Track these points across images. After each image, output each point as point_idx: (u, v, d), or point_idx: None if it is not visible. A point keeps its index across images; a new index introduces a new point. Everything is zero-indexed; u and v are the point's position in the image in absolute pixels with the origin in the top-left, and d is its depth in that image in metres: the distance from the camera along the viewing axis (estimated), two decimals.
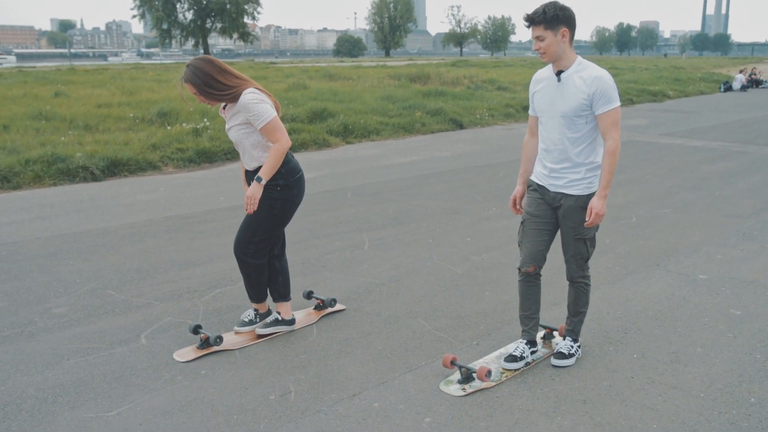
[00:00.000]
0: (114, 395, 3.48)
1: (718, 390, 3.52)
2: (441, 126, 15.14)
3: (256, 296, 4.29)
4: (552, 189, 3.64)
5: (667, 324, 4.37)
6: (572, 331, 3.88)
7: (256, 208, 3.97)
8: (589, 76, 3.44)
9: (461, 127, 15.43)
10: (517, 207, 3.89)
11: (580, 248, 3.68)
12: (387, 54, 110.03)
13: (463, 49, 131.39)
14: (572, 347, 3.84)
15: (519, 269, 3.79)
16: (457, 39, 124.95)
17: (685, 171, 10.01)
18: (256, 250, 4.13)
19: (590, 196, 3.56)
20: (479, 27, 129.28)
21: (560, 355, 3.81)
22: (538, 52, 3.44)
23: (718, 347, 4.03)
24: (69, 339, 4.15)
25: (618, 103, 3.46)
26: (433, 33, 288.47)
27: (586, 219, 3.52)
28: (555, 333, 4.09)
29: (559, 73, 3.51)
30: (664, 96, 24.39)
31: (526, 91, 23.26)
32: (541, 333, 4.11)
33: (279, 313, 4.28)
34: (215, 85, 3.83)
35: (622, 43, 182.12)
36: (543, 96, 3.62)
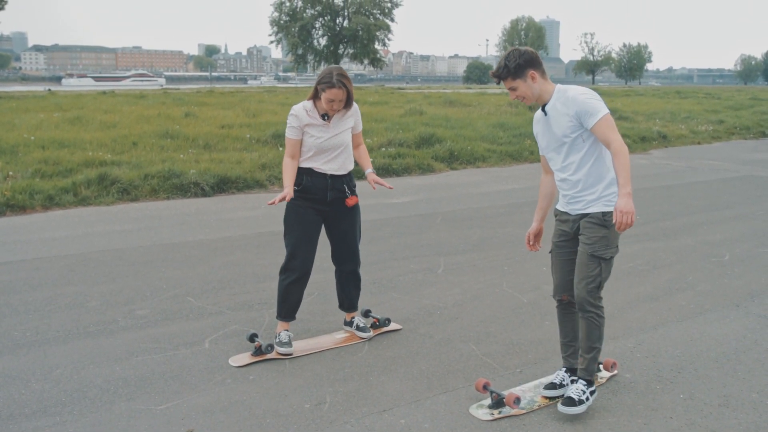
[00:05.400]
0: (167, 391, 3.79)
1: None
2: None
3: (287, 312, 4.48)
4: (573, 213, 3.69)
5: (727, 366, 4.19)
6: (585, 371, 3.63)
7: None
8: (567, 98, 3.51)
9: None
10: (531, 243, 3.95)
11: (593, 268, 3.54)
12: None
13: (596, 78, 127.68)
14: (583, 393, 3.57)
15: (554, 297, 3.82)
16: (589, 67, 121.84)
17: None
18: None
19: (608, 213, 3.52)
20: (613, 55, 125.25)
21: (569, 401, 3.52)
22: (517, 100, 3.56)
23: None
24: (142, 338, 4.54)
25: (605, 111, 3.44)
26: (566, 60, 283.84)
27: (614, 221, 3.34)
28: (600, 366, 4.03)
29: (543, 108, 3.62)
30: None
31: (649, 121, 22.26)
32: None
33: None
34: (352, 95, 4.28)
35: None
36: (542, 135, 3.73)
